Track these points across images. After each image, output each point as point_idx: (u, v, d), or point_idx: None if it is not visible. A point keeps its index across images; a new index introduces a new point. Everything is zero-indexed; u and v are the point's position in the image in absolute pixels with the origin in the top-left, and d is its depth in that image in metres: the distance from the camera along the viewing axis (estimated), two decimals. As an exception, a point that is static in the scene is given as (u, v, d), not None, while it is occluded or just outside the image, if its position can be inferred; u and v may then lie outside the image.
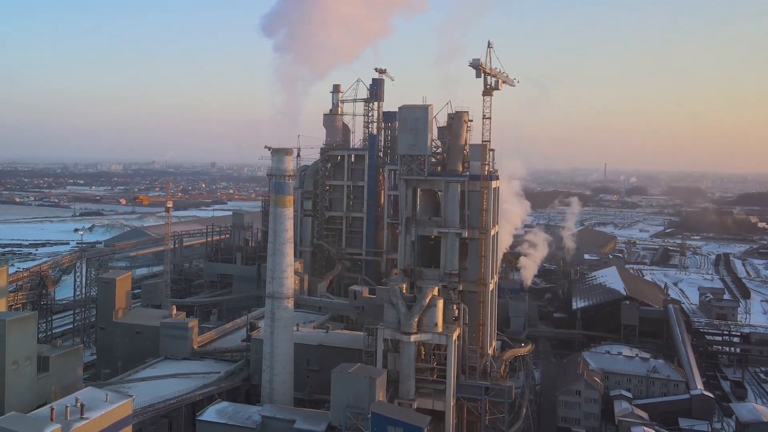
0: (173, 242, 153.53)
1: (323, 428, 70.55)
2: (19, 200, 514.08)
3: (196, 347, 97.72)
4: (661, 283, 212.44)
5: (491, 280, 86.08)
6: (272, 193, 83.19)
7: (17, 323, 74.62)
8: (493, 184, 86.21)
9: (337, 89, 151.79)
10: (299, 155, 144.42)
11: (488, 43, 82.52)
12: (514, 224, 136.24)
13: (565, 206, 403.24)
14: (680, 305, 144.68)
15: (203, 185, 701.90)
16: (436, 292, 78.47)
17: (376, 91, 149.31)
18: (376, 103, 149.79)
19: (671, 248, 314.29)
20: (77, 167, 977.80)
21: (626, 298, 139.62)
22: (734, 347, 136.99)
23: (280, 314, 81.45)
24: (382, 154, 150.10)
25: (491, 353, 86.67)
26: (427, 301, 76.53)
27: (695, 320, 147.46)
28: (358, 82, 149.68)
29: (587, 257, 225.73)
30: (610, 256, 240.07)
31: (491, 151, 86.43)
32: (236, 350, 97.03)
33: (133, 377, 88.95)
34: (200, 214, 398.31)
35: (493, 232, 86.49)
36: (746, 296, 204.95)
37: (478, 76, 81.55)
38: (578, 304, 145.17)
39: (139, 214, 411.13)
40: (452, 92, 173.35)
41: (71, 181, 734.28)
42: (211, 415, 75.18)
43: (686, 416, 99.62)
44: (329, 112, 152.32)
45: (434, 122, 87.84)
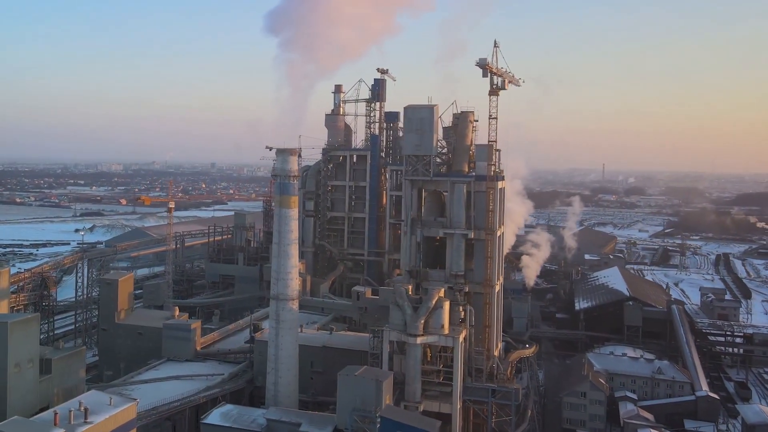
0: (175, 243, 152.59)
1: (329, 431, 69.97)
2: (19, 200, 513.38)
3: (199, 349, 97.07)
4: (661, 283, 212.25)
5: (497, 281, 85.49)
6: (277, 193, 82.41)
7: (19, 325, 73.85)
8: (498, 184, 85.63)
9: (338, 89, 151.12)
10: (300, 155, 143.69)
11: (494, 42, 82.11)
12: (517, 224, 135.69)
13: (565, 206, 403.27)
14: (683, 306, 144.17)
15: (203, 185, 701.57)
16: (442, 293, 77.86)
17: (377, 91, 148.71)
18: (378, 103, 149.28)
19: (671, 248, 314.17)
20: (77, 167, 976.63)
21: (629, 298, 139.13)
22: (737, 348, 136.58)
23: (285, 316, 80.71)
24: (384, 154, 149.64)
25: (496, 355, 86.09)
26: (433, 302, 75.98)
27: (698, 321, 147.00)
28: (360, 82, 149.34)
29: (588, 257, 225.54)
30: (610, 256, 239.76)
31: (497, 151, 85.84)
32: (239, 352, 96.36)
33: (135, 379, 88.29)
34: (201, 214, 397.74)
35: (498, 233, 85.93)
36: (747, 296, 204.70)
37: (484, 75, 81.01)
38: (581, 304, 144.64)
39: (139, 214, 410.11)
40: (453, 92, 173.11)
41: (71, 181, 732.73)
42: (215, 418, 74.62)
43: (692, 418, 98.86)
44: (331, 112, 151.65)
45: (439, 122, 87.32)
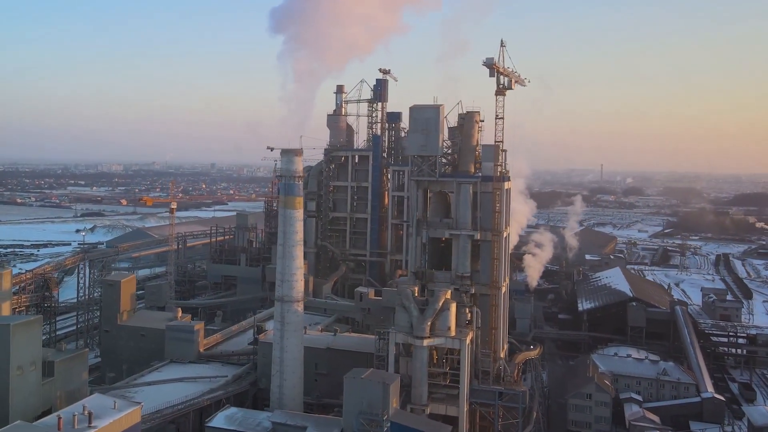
0: (177, 243, 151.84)
1: (336, 435, 69.26)
2: (20, 201, 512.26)
3: (202, 350, 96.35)
4: (662, 283, 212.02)
5: (503, 282, 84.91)
6: (281, 194, 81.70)
7: (22, 328, 73.05)
8: (505, 185, 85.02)
9: (340, 90, 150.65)
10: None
11: (501, 42, 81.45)
12: (520, 224, 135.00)
13: (565, 206, 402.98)
14: (687, 307, 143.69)
15: (203, 186, 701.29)
16: (448, 295, 77.24)
17: (380, 91, 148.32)
18: (380, 103, 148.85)
19: (670, 248, 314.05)
20: (78, 168, 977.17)
21: (632, 299, 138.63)
22: (740, 349, 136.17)
23: (289, 318, 79.98)
24: (386, 154, 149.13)
25: (503, 357, 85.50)
26: (440, 304, 75.30)
27: (701, 322, 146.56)
28: (361, 82, 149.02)
29: (588, 258, 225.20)
30: (611, 256, 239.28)
31: (503, 151, 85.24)
32: (243, 353, 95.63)
33: (138, 381, 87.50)
34: (201, 214, 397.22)
35: (505, 234, 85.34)
36: (748, 297, 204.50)
37: (491, 75, 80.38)
38: (584, 305, 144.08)
39: (140, 214, 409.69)
40: (454, 92, 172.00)
41: (72, 181, 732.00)
42: (220, 421, 73.77)
43: (697, 419, 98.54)
44: (333, 112, 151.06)
45: (445, 122, 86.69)
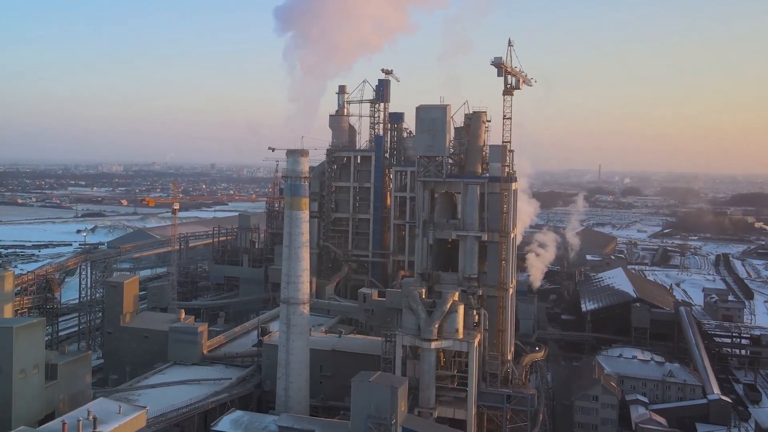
0: (179, 244, 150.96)
1: (343, 439, 68.50)
2: (21, 201, 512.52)
3: (205, 352, 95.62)
4: (663, 284, 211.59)
5: (511, 284, 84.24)
6: (287, 195, 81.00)
7: (25, 330, 72.41)
8: (512, 186, 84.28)
9: (343, 90, 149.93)
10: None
11: (509, 41, 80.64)
12: (524, 223, 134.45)
13: (564, 206, 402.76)
14: (691, 308, 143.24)
15: (204, 186, 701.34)
16: (456, 297, 76.47)
17: (382, 92, 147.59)
18: (382, 104, 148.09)
19: (670, 248, 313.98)
20: (78, 168, 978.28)
21: (636, 300, 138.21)
22: (744, 350, 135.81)
23: (295, 320, 79.25)
24: (388, 155, 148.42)
25: (510, 359, 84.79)
26: (447, 306, 74.50)
27: (705, 322, 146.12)
28: (364, 83, 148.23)
29: (589, 258, 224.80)
30: (612, 257, 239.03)
31: (511, 152, 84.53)
32: (247, 355, 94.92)
33: (142, 384, 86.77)
34: (202, 215, 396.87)
35: (512, 235, 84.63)
36: (749, 297, 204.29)
37: (499, 74, 79.66)
38: (587, 306, 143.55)
39: (141, 215, 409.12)
40: (455, 92, 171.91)
41: (72, 182, 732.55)
42: (225, 425, 73.02)
43: (704, 421, 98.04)
44: (335, 113, 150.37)
45: (451, 123, 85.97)
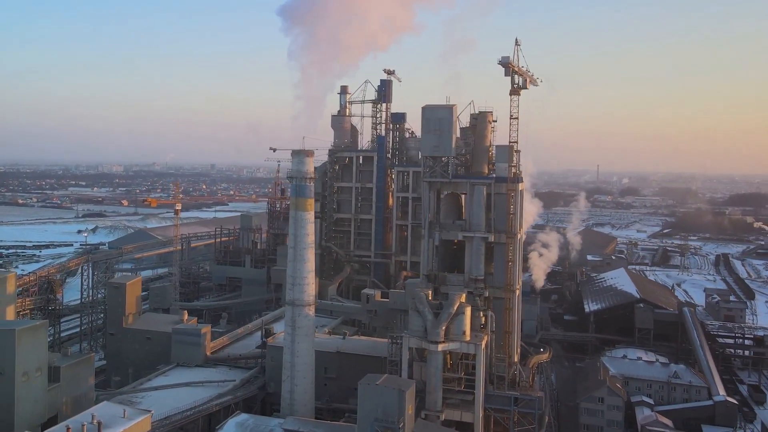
0: (181, 244, 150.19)
1: (350, 442, 67.89)
2: (21, 202, 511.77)
3: (209, 354, 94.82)
4: (664, 284, 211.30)
5: (517, 285, 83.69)
6: (292, 196, 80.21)
7: (27, 333, 71.60)
8: (518, 186, 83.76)
9: (344, 90, 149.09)
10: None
11: (516, 40, 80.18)
12: (527, 223, 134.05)
13: (564, 206, 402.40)
14: (695, 308, 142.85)
15: (204, 186, 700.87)
16: (463, 299, 75.88)
17: (384, 92, 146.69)
18: (384, 104, 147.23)
19: (669, 249, 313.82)
20: (78, 169, 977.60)
21: (640, 300, 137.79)
22: (747, 350, 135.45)
23: (300, 322, 78.53)
24: (390, 155, 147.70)
25: (516, 361, 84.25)
26: (455, 308, 73.92)
27: (708, 323, 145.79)
28: (366, 83, 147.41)
29: (590, 258, 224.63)
30: (612, 257, 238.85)
31: (517, 152, 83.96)
32: (251, 357, 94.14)
33: (145, 386, 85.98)
34: (202, 215, 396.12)
35: (519, 235, 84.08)
36: (750, 297, 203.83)
37: (507, 74, 79.08)
38: (590, 307, 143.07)
39: (141, 215, 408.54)
40: (457, 91, 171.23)
41: (73, 182, 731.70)
42: (230, 428, 72.29)
43: (709, 423, 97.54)
44: (337, 113, 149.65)
45: (457, 123, 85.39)
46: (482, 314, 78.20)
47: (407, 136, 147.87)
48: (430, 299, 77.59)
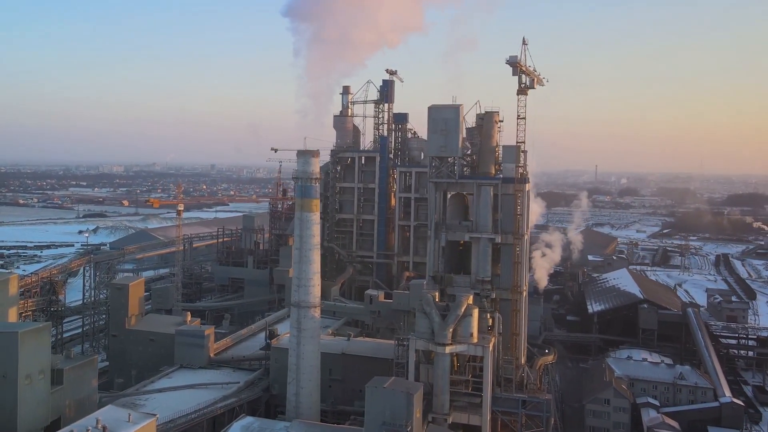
0: (183, 245, 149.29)
1: (358, 446, 67.18)
2: (22, 202, 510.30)
3: (212, 355, 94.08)
4: (665, 284, 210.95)
5: (524, 286, 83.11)
6: (297, 196, 79.44)
7: (30, 335, 70.62)
8: (525, 187, 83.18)
9: (347, 91, 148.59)
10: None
11: (523, 40, 79.53)
12: (531, 223, 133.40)
13: (564, 207, 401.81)
14: (699, 309, 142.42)
15: (204, 187, 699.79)
16: (470, 300, 75.25)
17: (386, 92, 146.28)
18: (386, 104, 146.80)
19: (669, 249, 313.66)
20: (79, 169, 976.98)
21: (643, 301, 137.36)
22: (751, 351, 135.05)
23: (306, 324, 77.74)
24: (392, 155, 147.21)
25: (523, 363, 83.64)
26: (462, 310, 73.26)
27: (712, 323, 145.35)
28: (368, 83, 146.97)
29: (591, 258, 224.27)
30: (614, 257, 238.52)
31: (524, 152, 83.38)
32: (255, 358, 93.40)
33: (149, 388, 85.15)
34: (203, 215, 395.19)
35: (526, 236, 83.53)
36: (752, 297, 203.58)
37: (514, 74, 78.49)
38: (594, 307, 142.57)
39: (142, 215, 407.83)
40: (458, 91, 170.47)
41: (74, 182, 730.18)
42: None
43: (716, 425, 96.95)
44: (339, 113, 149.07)
45: (463, 123, 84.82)
46: (489, 316, 77.56)
47: (409, 136, 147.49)
48: (437, 301, 77.07)
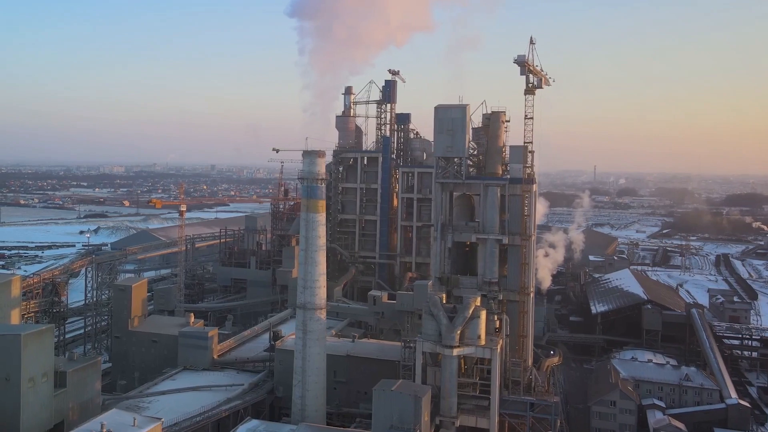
0: (185, 246, 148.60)
1: (366, 449, 66.50)
2: (23, 202, 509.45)
3: (216, 357, 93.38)
4: (667, 285, 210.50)
5: (532, 288, 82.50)
6: (303, 197, 78.78)
7: (33, 338, 69.83)
8: (532, 187, 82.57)
9: (349, 91, 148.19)
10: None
11: (531, 39, 78.95)
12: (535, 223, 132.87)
13: (566, 207, 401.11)
14: (703, 309, 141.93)
15: (204, 187, 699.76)
16: (478, 302, 74.59)
17: (388, 92, 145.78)
18: (388, 105, 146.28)
19: (669, 249, 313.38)
20: (80, 169, 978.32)
21: (647, 302, 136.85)
22: (755, 351, 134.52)
23: (312, 326, 77.04)
24: (395, 156, 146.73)
25: (530, 365, 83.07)
26: (470, 312, 72.56)
27: (716, 324, 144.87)
28: (370, 83, 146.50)
29: (592, 259, 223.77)
30: (614, 257, 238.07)
31: (531, 153, 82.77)
32: (259, 360, 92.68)
33: (152, 390, 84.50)
34: (204, 216, 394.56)
35: (533, 237, 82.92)
36: (753, 297, 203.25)
37: (522, 73, 77.91)
38: (597, 308, 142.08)
39: (143, 216, 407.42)
40: (459, 91, 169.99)
41: (74, 183, 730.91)
42: (242, 434, 70.74)
43: (722, 426, 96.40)
44: (341, 114, 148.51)
45: (469, 123, 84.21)
46: (497, 318, 76.90)
47: (412, 136, 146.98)
48: (443, 303, 76.40)
